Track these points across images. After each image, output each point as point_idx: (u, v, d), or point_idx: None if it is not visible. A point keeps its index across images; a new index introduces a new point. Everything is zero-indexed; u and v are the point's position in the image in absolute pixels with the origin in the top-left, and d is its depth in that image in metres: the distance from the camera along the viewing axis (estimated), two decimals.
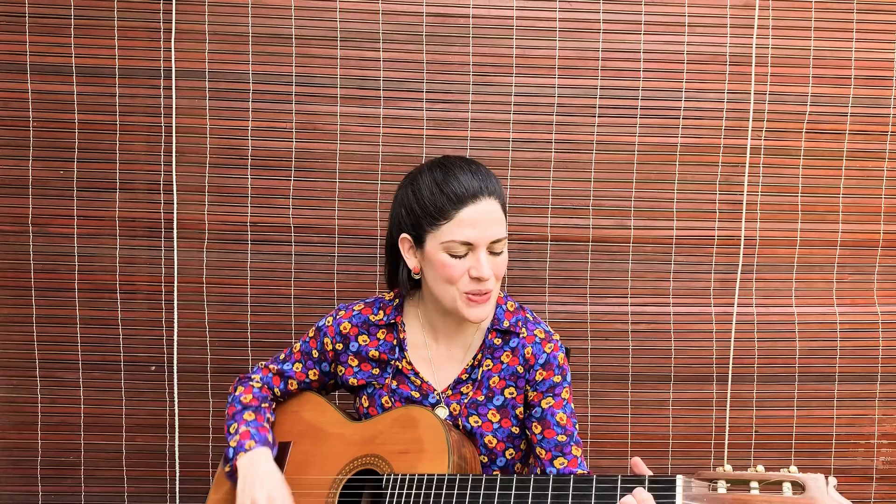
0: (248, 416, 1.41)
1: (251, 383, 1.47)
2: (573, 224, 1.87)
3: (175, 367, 1.86)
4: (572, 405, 1.40)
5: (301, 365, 1.48)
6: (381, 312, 1.46)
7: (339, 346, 1.45)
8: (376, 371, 1.44)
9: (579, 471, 1.36)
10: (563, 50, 1.83)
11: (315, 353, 1.47)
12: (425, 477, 1.25)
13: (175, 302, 1.85)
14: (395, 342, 1.44)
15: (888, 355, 1.92)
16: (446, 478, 1.24)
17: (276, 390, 1.48)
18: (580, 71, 1.83)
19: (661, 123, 1.85)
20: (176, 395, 1.87)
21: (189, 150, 1.82)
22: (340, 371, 1.46)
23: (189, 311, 1.85)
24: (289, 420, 1.48)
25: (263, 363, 1.51)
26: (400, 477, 1.28)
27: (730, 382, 1.91)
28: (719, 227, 1.88)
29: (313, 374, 1.48)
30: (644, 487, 1.04)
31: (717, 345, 1.90)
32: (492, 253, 1.33)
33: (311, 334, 1.48)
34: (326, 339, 1.45)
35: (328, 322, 1.46)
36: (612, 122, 1.85)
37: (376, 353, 1.44)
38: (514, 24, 1.82)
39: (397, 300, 1.47)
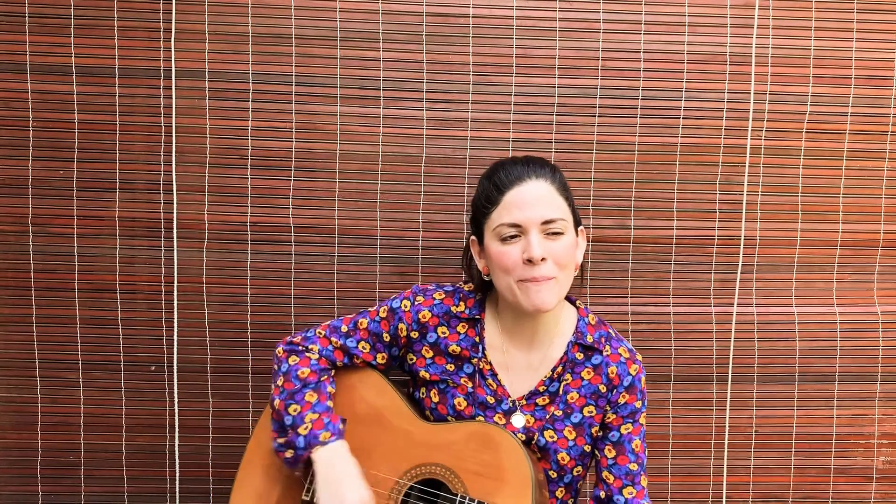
0: (310, 396, 1.32)
1: (308, 354, 1.37)
2: None
3: (175, 367, 1.86)
4: (645, 429, 1.35)
5: (369, 346, 1.39)
6: (463, 304, 1.38)
7: (415, 335, 1.37)
8: (451, 367, 1.36)
9: (644, 503, 1.32)
10: (563, 50, 1.83)
11: (386, 337, 1.38)
12: None
13: (175, 302, 1.85)
14: (476, 338, 1.36)
15: (888, 355, 1.92)
16: None
17: (339, 363, 1.39)
18: (580, 71, 1.83)
19: (661, 123, 1.85)
20: (176, 395, 1.87)
21: (189, 150, 1.82)
22: (411, 359, 1.38)
23: (189, 311, 1.85)
24: (345, 395, 1.38)
25: (322, 333, 1.41)
26: (476, 502, 1.21)
27: (730, 382, 1.91)
28: (719, 227, 1.88)
29: (381, 358, 1.40)
30: None
31: (717, 345, 1.90)
32: (548, 235, 1.27)
33: (382, 314, 1.39)
34: (402, 325, 1.37)
35: (405, 306, 1.38)
36: (612, 122, 1.85)
37: (457, 349, 1.36)
38: (514, 24, 1.82)
39: (479, 294, 1.39)
